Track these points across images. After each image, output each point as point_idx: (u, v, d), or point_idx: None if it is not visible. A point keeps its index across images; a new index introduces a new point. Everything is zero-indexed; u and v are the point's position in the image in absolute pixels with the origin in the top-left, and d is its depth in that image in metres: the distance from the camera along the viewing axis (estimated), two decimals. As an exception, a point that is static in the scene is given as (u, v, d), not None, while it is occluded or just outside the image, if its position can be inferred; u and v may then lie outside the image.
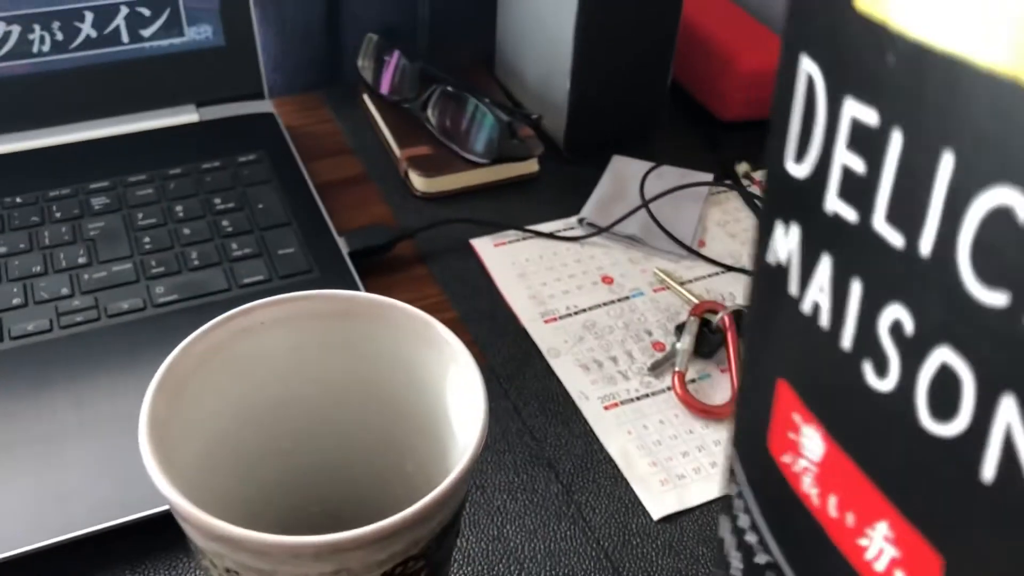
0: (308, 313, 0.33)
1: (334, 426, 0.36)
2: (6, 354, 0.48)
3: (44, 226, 0.55)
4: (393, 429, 0.35)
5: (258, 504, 0.36)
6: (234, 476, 0.34)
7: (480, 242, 0.59)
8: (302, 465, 0.36)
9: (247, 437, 0.34)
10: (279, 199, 0.58)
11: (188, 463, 0.31)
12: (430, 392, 0.33)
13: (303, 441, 0.36)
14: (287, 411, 0.35)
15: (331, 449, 0.36)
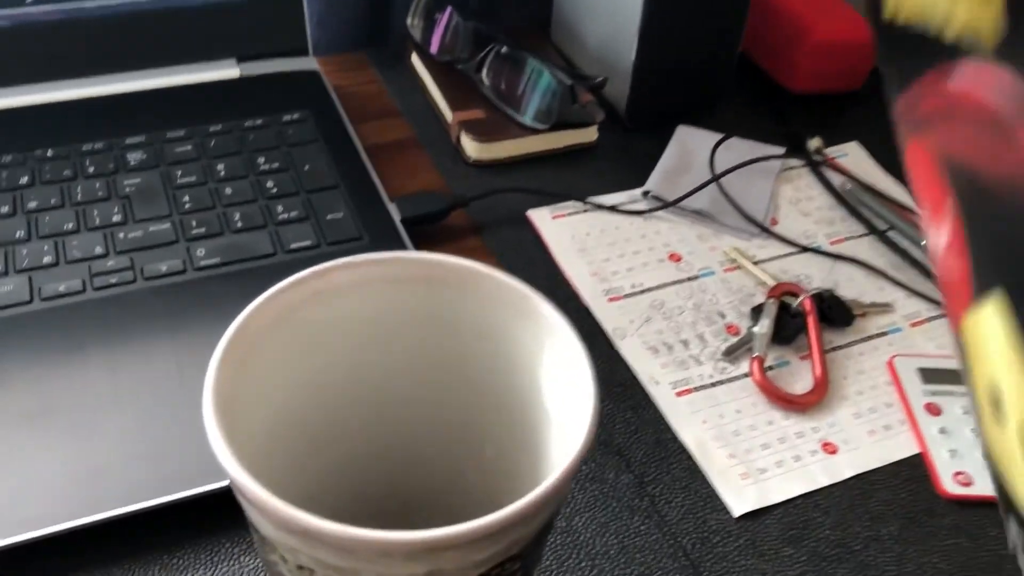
0: (388, 277, 0.30)
1: (407, 403, 0.32)
2: (36, 315, 0.44)
3: (76, 181, 0.52)
4: (474, 410, 0.32)
5: (319, 487, 0.32)
6: (296, 456, 0.31)
7: (537, 213, 0.55)
8: (369, 445, 0.33)
9: (313, 413, 0.31)
10: (326, 161, 0.54)
11: (251, 442, 0.27)
12: (521, 371, 0.30)
13: (372, 419, 0.32)
14: (357, 385, 0.31)
15: (402, 429, 0.33)
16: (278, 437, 0.29)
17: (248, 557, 0.38)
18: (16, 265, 0.46)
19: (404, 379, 0.32)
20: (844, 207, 0.57)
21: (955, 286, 0.20)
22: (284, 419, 0.30)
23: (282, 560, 0.25)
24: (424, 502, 0.35)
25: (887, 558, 0.40)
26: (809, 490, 0.42)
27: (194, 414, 0.40)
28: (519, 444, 0.31)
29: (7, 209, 0.49)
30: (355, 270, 0.29)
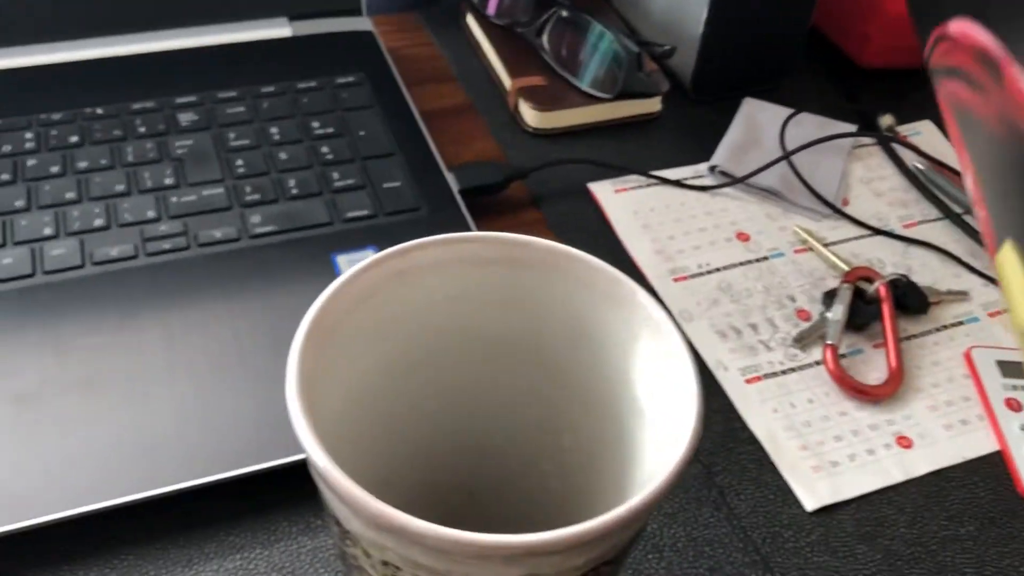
0: (471, 258, 0.28)
1: (484, 390, 0.31)
2: (88, 280, 0.43)
3: (127, 141, 0.50)
4: (554, 398, 0.30)
5: (388, 473, 0.31)
6: (368, 441, 0.29)
7: (599, 186, 0.53)
8: (441, 431, 0.32)
9: (387, 396, 0.29)
10: (382, 127, 0.52)
11: (328, 426, 0.26)
12: (609, 361, 0.28)
13: (446, 404, 0.31)
14: (434, 369, 0.30)
15: (476, 415, 0.31)
16: (352, 420, 0.28)
17: (306, 537, 0.37)
18: (67, 228, 0.45)
19: (483, 363, 0.30)
20: (917, 188, 0.55)
21: (987, 235, 0.20)
22: (358, 402, 0.28)
23: (364, 555, 0.24)
24: (492, 492, 0.33)
25: (966, 560, 0.39)
26: (883, 486, 0.41)
27: (251, 387, 0.39)
28: (600, 436, 0.29)
29: (57, 169, 0.48)
30: (437, 250, 0.28)
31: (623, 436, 0.28)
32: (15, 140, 0.49)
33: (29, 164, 0.48)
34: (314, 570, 0.36)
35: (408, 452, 0.31)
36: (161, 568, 0.36)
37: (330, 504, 0.24)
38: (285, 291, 0.43)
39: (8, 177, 0.47)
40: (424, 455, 0.32)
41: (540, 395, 0.30)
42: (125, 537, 0.36)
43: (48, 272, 0.43)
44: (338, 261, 0.45)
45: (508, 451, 0.32)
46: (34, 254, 0.44)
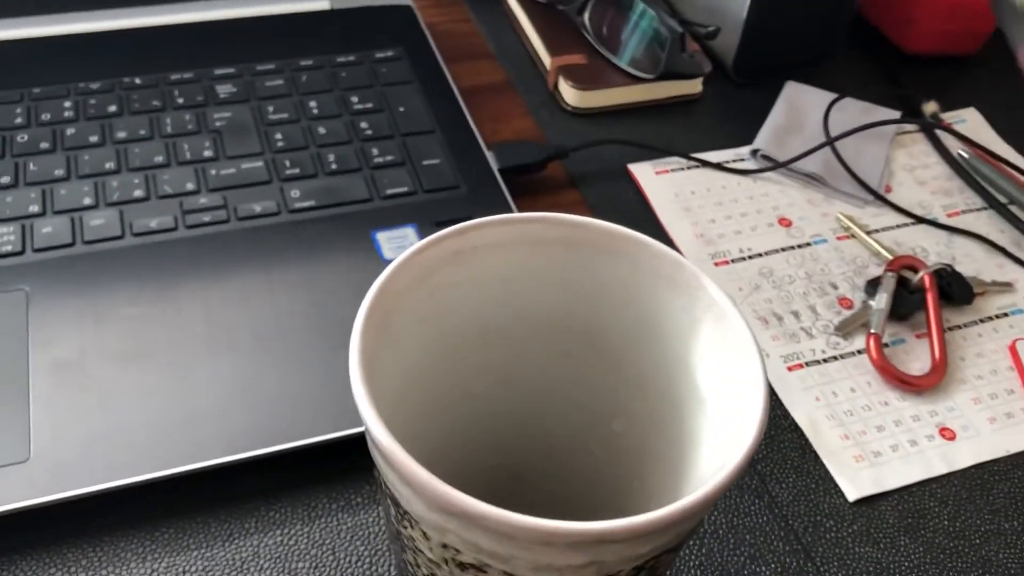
0: (528, 238, 0.27)
1: (535, 371, 0.31)
2: (128, 251, 0.43)
3: (166, 112, 0.50)
4: (607, 381, 0.30)
5: (438, 450, 0.31)
6: (420, 418, 0.29)
7: (639, 168, 0.52)
8: (492, 411, 0.31)
9: (441, 376, 0.29)
10: (421, 103, 0.52)
11: (386, 404, 0.26)
12: (668, 347, 0.28)
13: (499, 384, 0.31)
14: (486, 349, 0.30)
15: (528, 396, 0.31)
16: (406, 399, 0.28)
17: (346, 515, 0.37)
18: (106, 198, 0.45)
19: (536, 345, 0.30)
20: (961, 177, 0.54)
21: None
22: (413, 381, 0.28)
23: (423, 536, 0.23)
24: (540, 474, 0.33)
25: (1009, 555, 0.38)
26: (926, 477, 0.40)
27: (292, 362, 0.39)
28: (654, 423, 0.29)
29: (96, 139, 0.48)
30: (496, 230, 0.27)
31: (680, 423, 0.28)
32: (54, 109, 0.49)
33: (68, 133, 0.48)
34: (354, 547, 0.36)
35: (456, 432, 0.31)
36: (202, 542, 0.36)
37: (389, 484, 0.23)
38: (325, 267, 0.43)
39: (47, 146, 0.47)
40: (472, 436, 0.32)
41: (593, 379, 0.30)
42: (166, 510, 0.36)
43: (88, 242, 0.43)
44: (378, 238, 0.45)
45: (558, 434, 0.32)
46: (74, 224, 0.44)
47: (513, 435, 0.32)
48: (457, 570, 0.23)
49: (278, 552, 0.35)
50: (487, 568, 0.23)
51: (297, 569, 0.35)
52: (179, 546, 0.35)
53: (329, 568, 0.35)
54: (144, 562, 0.35)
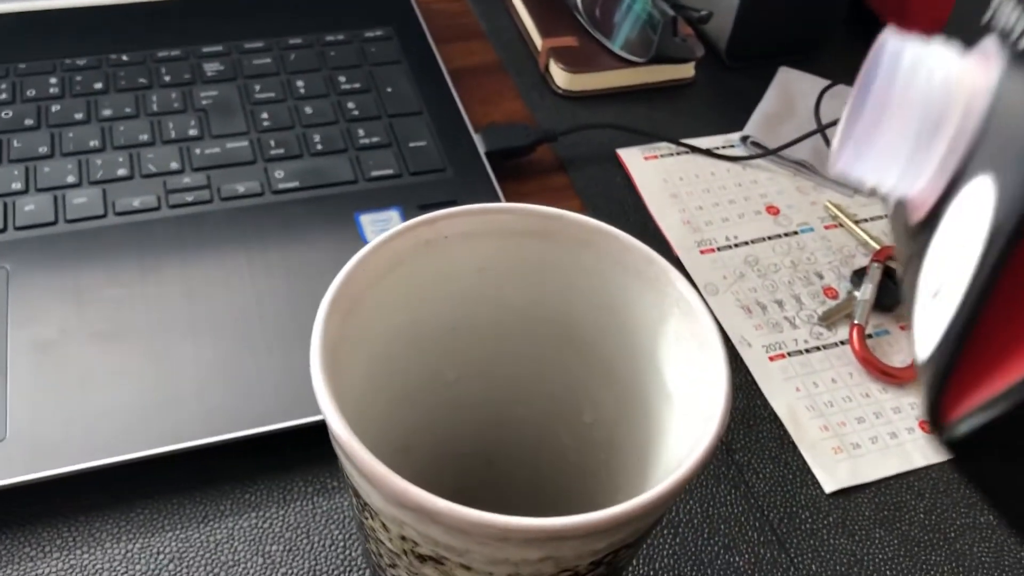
0: (500, 229, 0.27)
1: (506, 360, 0.30)
2: (109, 230, 0.43)
3: (152, 90, 0.49)
4: (577, 373, 0.30)
5: (407, 439, 0.31)
6: (388, 407, 0.29)
7: (628, 153, 0.52)
8: (462, 400, 0.31)
9: (411, 365, 0.29)
10: (409, 84, 0.52)
11: (350, 393, 0.26)
12: (637, 340, 0.28)
13: (470, 373, 0.31)
14: (458, 338, 0.29)
15: (498, 385, 0.31)
16: (374, 388, 0.28)
17: (321, 498, 0.37)
18: (90, 176, 0.45)
19: (508, 335, 0.30)
20: (954, 167, 0.53)
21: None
22: (381, 369, 0.28)
23: (383, 528, 0.24)
24: (511, 461, 0.33)
25: (984, 548, 0.38)
26: (904, 470, 0.40)
27: (272, 345, 0.39)
28: (623, 414, 0.29)
29: (81, 116, 0.47)
30: (466, 220, 0.27)
31: (648, 415, 0.28)
32: (39, 85, 0.49)
33: (53, 110, 0.48)
34: (328, 531, 0.36)
35: (428, 420, 0.31)
36: (176, 523, 0.36)
37: (350, 477, 0.23)
38: (307, 249, 0.43)
39: (32, 122, 0.47)
40: (444, 423, 0.32)
41: (564, 369, 0.30)
42: (141, 491, 0.37)
43: (70, 220, 0.43)
44: (361, 221, 0.45)
45: (528, 422, 0.32)
46: (57, 202, 0.44)
47: (485, 423, 0.32)
48: (416, 561, 0.23)
49: (252, 534, 0.36)
50: (444, 560, 0.23)
51: (271, 552, 0.35)
52: (154, 527, 0.36)
53: (303, 551, 0.35)
54: (119, 542, 0.35)
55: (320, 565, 0.35)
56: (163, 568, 0.34)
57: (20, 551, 0.34)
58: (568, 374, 0.30)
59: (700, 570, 0.36)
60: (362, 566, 0.35)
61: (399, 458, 0.30)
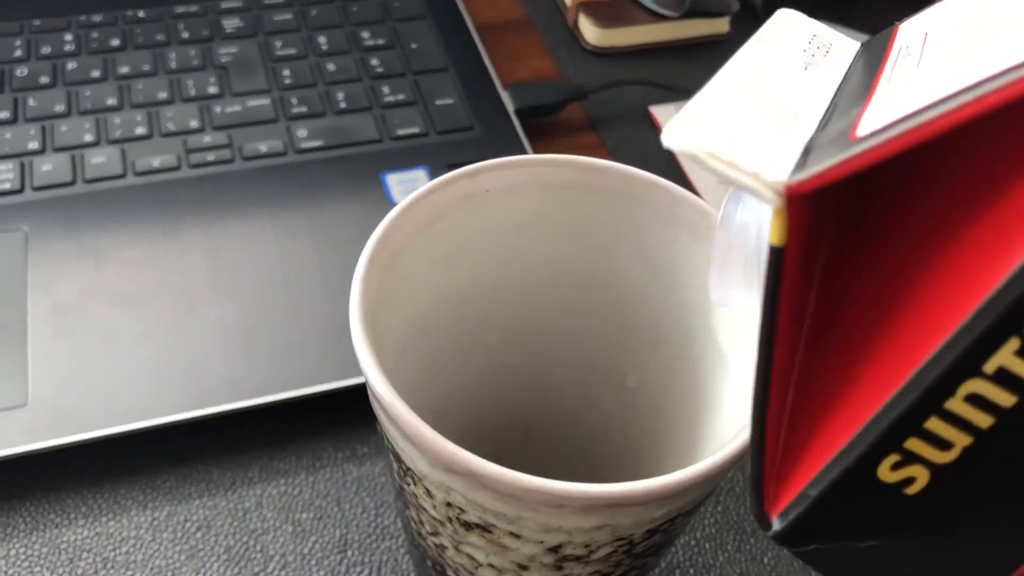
0: (544, 182, 0.26)
1: (548, 323, 0.29)
2: (130, 191, 0.42)
3: (170, 47, 0.48)
4: (621, 335, 0.28)
5: (444, 404, 0.30)
6: (425, 372, 0.28)
7: (662, 110, 0.50)
8: (500, 365, 0.30)
9: (449, 327, 0.28)
10: (435, 40, 0.50)
11: (388, 355, 0.24)
12: (688, 299, 0.26)
13: (508, 337, 0.29)
14: (497, 300, 0.28)
15: (538, 350, 0.30)
16: (411, 350, 0.26)
17: (352, 465, 0.36)
18: (108, 135, 0.44)
19: (549, 296, 0.28)
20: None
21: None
22: (418, 331, 0.27)
23: (426, 494, 0.22)
24: (548, 430, 0.32)
25: None
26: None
27: (298, 308, 0.38)
28: (669, 379, 0.28)
29: (98, 73, 0.46)
30: (508, 172, 0.25)
31: (697, 378, 0.26)
32: (54, 42, 0.47)
33: (69, 68, 0.46)
34: (359, 498, 0.35)
35: (464, 385, 0.30)
36: (204, 490, 0.35)
37: (391, 440, 0.22)
38: (333, 210, 0.41)
39: (47, 80, 0.45)
40: (480, 389, 0.30)
41: (607, 332, 0.29)
42: (167, 458, 0.36)
43: (89, 180, 0.42)
44: (388, 181, 0.43)
45: (567, 389, 0.31)
46: (74, 161, 0.42)
47: (523, 389, 0.31)
48: (461, 529, 0.22)
49: (282, 502, 0.35)
50: (492, 528, 0.21)
51: (301, 519, 0.34)
52: (180, 494, 0.35)
53: (334, 519, 0.34)
54: (144, 510, 0.34)
55: (351, 533, 0.34)
56: (190, 536, 0.34)
57: (45, 518, 0.34)
58: (611, 337, 0.29)
59: (743, 539, 0.35)
60: (394, 534, 0.34)
61: (433, 424, 0.29)
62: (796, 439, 0.17)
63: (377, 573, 0.33)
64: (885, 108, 0.15)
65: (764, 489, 0.17)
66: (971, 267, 0.14)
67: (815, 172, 0.14)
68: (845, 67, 0.19)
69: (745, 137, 0.16)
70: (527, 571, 0.23)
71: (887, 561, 0.16)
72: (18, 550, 0.33)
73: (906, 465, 0.15)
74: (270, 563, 0.33)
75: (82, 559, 0.33)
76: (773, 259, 0.15)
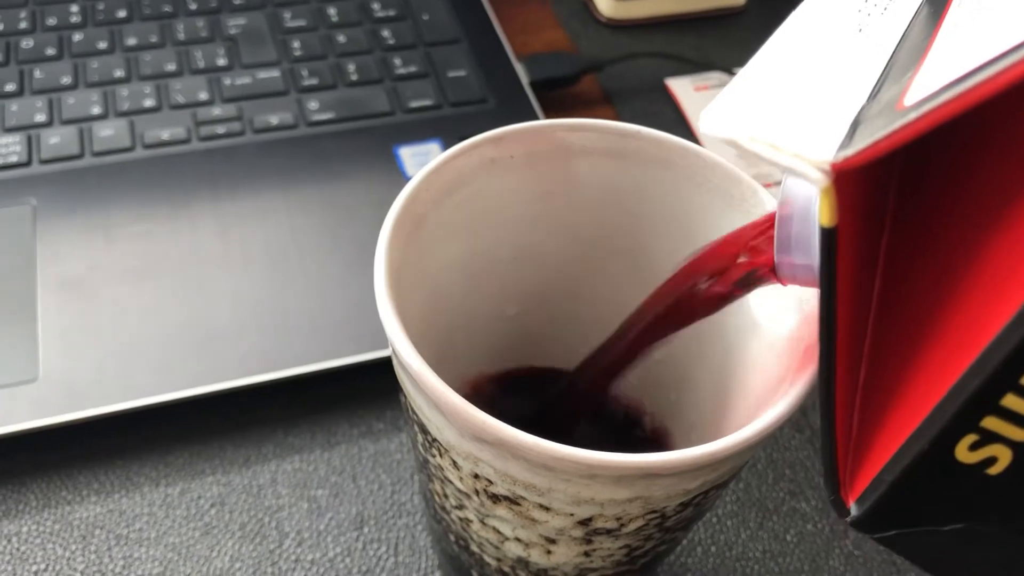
0: (570, 148, 0.25)
1: (573, 292, 0.28)
2: (138, 164, 0.41)
3: (178, 18, 0.47)
4: (649, 306, 0.28)
5: (465, 372, 0.29)
6: (445, 341, 0.27)
7: (677, 83, 0.49)
8: (524, 333, 0.29)
9: (471, 296, 0.27)
10: (447, 11, 0.49)
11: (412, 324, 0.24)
12: (719, 266, 0.25)
13: (531, 308, 0.28)
14: (520, 269, 0.27)
15: (562, 320, 0.29)
16: (433, 320, 0.26)
17: (367, 441, 0.35)
18: (116, 107, 0.43)
19: (573, 265, 0.28)
20: None
21: None
22: (441, 301, 0.26)
23: (453, 466, 0.22)
24: (573, 401, 0.31)
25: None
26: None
27: (310, 282, 0.37)
28: (697, 349, 0.27)
29: (105, 45, 0.45)
30: (533, 137, 0.25)
31: (728, 350, 0.26)
32: (60, 13, 0.46)
33: (75, 39, 0.45)
34: (376, 475, 0.34)
35: (485, 353, 0.29)
36: (217, 466, 0.34)
37: (417, 410, 0.21)
38: (345, 183, 0.41)
39: (54, 52, 0.45)
40: (501, 358, 0.30)
41: (634, 301, 0.28)
42: (179, 434, 0.35)
43: (97, 153, 0.41)
44: (401, 153, 0.42)
45: (592, 360, 0.30)
46: (82, 134, 0.41)
47: (546, 356, 0.30)
48: (488, 502, 0.22)
49: (296, 478, 0.34)
50: (521, 500, 0.21)
51: (316, 496, 0.34)
52: (194, 471, 0.34)
53: (350, 495, 0.34)
54: (157, 487, 0.34)
55: (368, 509, 0.33)
56: (204, 513, 0.33)
57: (57, 495, 0.33)
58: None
59: (765, 516, 0.35)
60: (411, 511, 0.33)
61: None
62: (870, 422, 0.16)
63: (394, 550, 0.32)
64: (937, 70, 0.14)
65: (839, 475, 0.16)
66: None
67: (860, 148, 0.13)
68: (903, 26, 0.18)
69: (788, 115, 0.15)
70: (555, 545, 0.22)
71: (972, 545, 0.16)
72: (30, 527, 0.32)
73: (985, 445, 0.14)
74: (285, 540, 0.32)
75: (95, 536, 0.32)
76: (825, 241, 0.14)
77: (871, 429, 0.16)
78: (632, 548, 0.23)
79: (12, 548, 0.32)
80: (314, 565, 0.32)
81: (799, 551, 0.34)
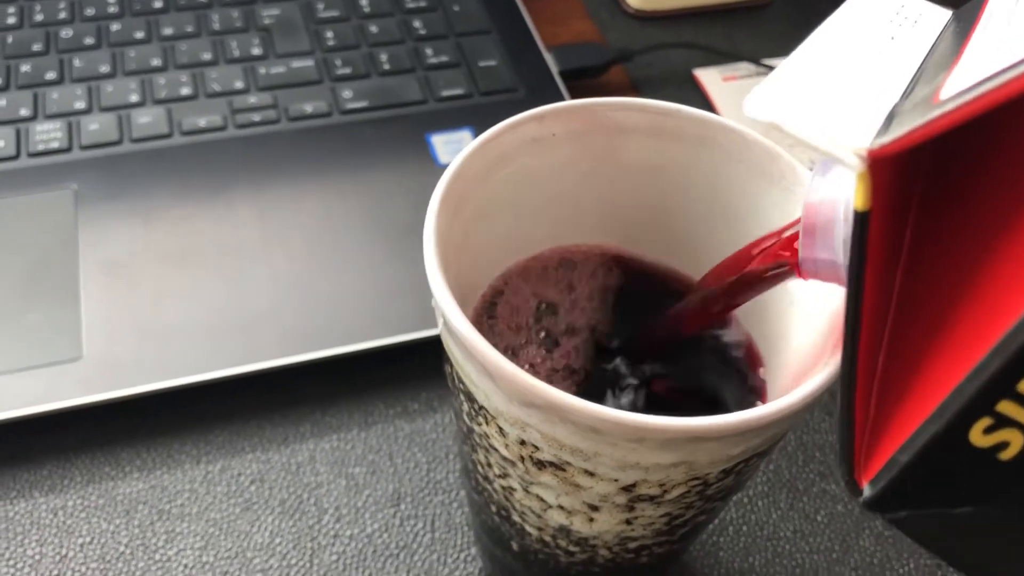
0: (611, 126, 0.25)
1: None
2: (176, 150, 0.42)
3: (213, 9, 0.48)
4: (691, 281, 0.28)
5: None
6: (486, 320, 0.28)
7: (706, 73, 0.50)
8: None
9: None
10: (477, 1, 0.49)
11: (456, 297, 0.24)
12: (757, 242, 0.26)
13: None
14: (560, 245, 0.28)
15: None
16: (470, 296, 0.26)
17: (403, 420, 0.36)
18: (154, 95, 0.44)
19: (613, 243, 0.28)
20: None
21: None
22: (481, 278, 0.26)
23: (499, 433, 0.22)
24: (608, 381, 0.32)
25: None
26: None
27: (346, 265, 0.38)
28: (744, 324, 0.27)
29: (142, 35, 0.46)
30: (576, 115, 0.25)
31: (766, 324, 0.26)
32: (99, 3, 0.47)
33: (113, 29, 0.46)
34: (411, 453, 0.35)
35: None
36: (256, 445, 0.35)
37: (465, 378, 0.22)
38: (378, 170, 0.41)
39: (92, 41, 0.45)
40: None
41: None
42: (219, 413, 0.36)
43: (135, 140, 0.42)
44: (433, 141, 0.43)
45: (629, 339, 0.30)
46: (121, 121, 0.42)
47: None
48: (534, 468, 0.22)
49: (334, 456, 0.35)
50: (566, 466, 0.21)
51: (354, 474, 0.34)
52: (234, 448, 0.35)
53: (386, 473, 0.34)
54: (198, 464, 0.34)
55: (404, 487, 0.34)
56: (244, 490, 0.34)
57: (100, 471, 0.34)
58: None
59: (796, 497, 0.35)
60: (447, 488, 0.34)
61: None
62: (887, 404, 0.17)
63: (431, 526, 0.33)
64: (971, 69, 0.14)
65: (855, 455, 0.17)
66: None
67: (898, 135, 0.14)
68: (933, 38, 0.19)
69: (828, 105, 0.16)
70: (597, 512, 0.23)
71: (982, 529, 0.16)
72: (75, 501, 0.33)
73: (999, 429, 0.14)
74: (324, 516, 0.33)
75: (138, 511, 0.33)
76: (858, 224, 0.15)
77: (887, 412, 0.16)
78: (673, 516, 0.23)
79: (59, 522, 0.32)
80: (353, 540, 0.32)
81: (829, 531, 0.34)
